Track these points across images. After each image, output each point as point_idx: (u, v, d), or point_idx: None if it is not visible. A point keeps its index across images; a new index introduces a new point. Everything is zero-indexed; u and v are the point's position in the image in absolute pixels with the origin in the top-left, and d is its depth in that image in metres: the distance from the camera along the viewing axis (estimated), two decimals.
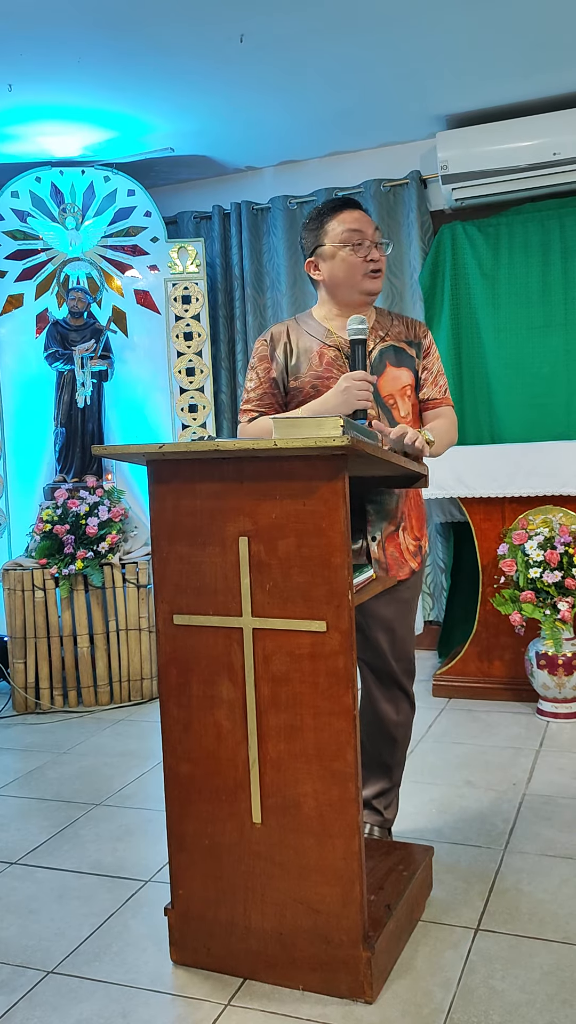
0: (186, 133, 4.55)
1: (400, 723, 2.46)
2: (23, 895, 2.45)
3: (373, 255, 2.33)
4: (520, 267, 4.60)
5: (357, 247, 2.32)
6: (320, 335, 2.38)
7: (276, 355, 2.39)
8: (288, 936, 1.93)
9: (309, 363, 2.35)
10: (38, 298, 4.76)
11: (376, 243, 2.34)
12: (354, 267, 2.33)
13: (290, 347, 2.39)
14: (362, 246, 2.32)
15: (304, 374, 2.35)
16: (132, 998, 1.96)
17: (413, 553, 2.40)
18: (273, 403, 2.38)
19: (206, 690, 1.98)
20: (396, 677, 2.43)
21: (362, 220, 2.34)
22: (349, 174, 4.92)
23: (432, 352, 2.48)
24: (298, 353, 2.37)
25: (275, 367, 2.39)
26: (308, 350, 2.37)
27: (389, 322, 2.44)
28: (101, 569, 4.23)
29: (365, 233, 2.32)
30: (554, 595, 3.62)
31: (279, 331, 2.43)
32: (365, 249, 2.31)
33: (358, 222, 2.33)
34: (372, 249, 2.32)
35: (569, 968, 1.97)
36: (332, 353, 2.35)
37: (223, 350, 5.21)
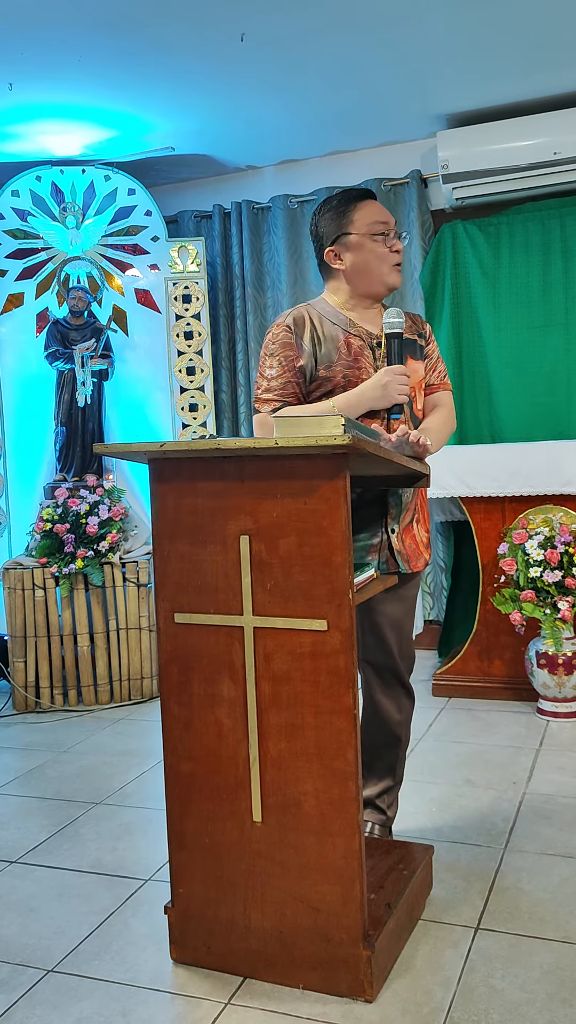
0: (187, 132, 4.55)
1: (402, 721, 2.47)
2: (23, 894, 2.46)
3: (397, 246, 2.34)
4: (521, 266, 4.60)
5: (384, 237, 2.32)
6: (343, 323, 2.33)
7: (303, 343, 2.28)
8: (288, 935, 1.93)
9: (338, 352, 2.29)
10: (38, 297, 4.76)
11: (398, 235, 2.36)
12: (382, 258, 2.33)
13: (316, 334, 2.30)
14: (388, 237, 2.33)
15: (335, 363, 2.28)
16: (132, 996, 1.96)
17: (426, 545, 2.44)
18: (297, 392, 2.28)
19: (207, 688, 1.98)
20: (400, 675, 2.44)
21: (386, 213, 2.36)
22: (350, 173, 4.92)
23: (432, 339, 2.53)
24: (326, 341, 2.29)
25: (303, 355, 2.28)
26: (335, 338, 2.30)
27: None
28: (101, 568, 4.23)
29: (390, 225, 2.33)
30: (554, 594, 3.62)
31: (301, 317, 2.32)
32: (391, 240, 2.33)
33: (384, 214, 2.35)
34: (396, 241, 2.34)
35: (569, 967, 1.97)
36: (358, 343, 2.31)
37: (223, 349, 5.21)
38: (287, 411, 2.24)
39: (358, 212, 2.33)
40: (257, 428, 2.32)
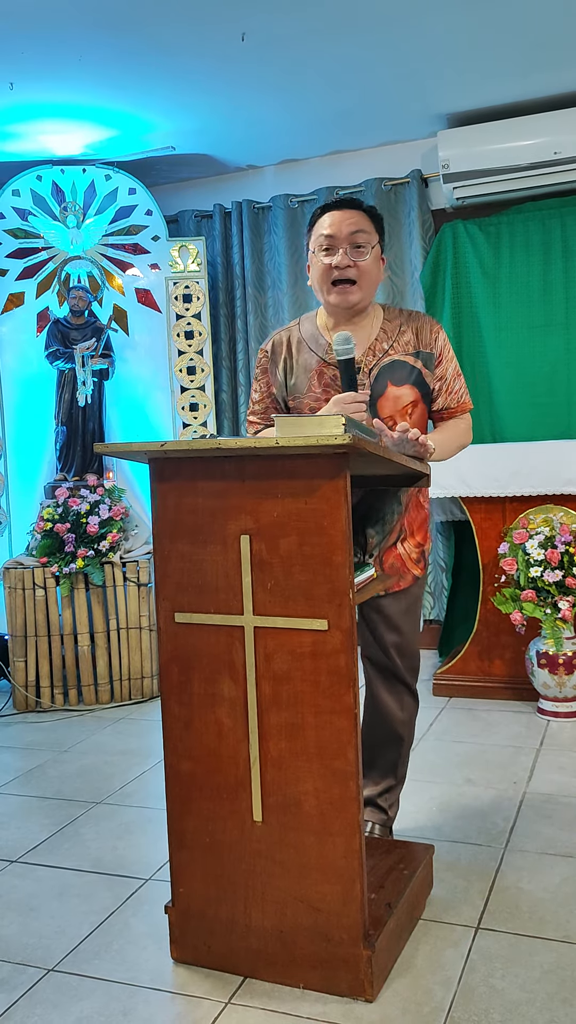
0: (187, 132, 4.55)
1: (405, 721, 2.46)
2: (24, 893, 2.46)
3: (340, 260, 2.19)
4: (521, 266, 4.60)
5: (327, 252, 2.22)
6: (320, 350, 2.30)
7: (276, 371, 2.34)
8: (288, 934, 1.93)
9: (308, 383, 2.29)
10: (39, 296, 4.76)
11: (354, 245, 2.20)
12: (321, 275, 2.24)
13: (289, 363, 2.32)
14: (331, 251, 2.21)
15: (304, 395, 2.29)
16: (132, 996, 1.96)
17: (416, 560, 2.38)
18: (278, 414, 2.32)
19: (207, 688, 1.98)
20: (401, 674, 2.43)
21: (339, 222, 2.21)
22: (350, 173, 4.92)
23: (445, 358, 2.34)
24: (297, 372, 2.31)
25: (275, 383, 2.34)
26: (307, 367, 2.29)
27: (396, 330, 2.31)
28: (102, 567, 4.23)
29: (337, 237, 2.20)
30: (555, 594, 3.62)
31: (280, 342, 2.35)
32: (333, 256, 2.20)
33: (333, 225, 2.21)
34: (342, 254, 2.19)
35: (569, 967, 1.97)
36: (331, 373, 2.27)
37: (224, 349, 5.22)
38: (262, 435, 2.33)
39: (315, 226, 2.27)
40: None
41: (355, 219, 2.22)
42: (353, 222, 2.22)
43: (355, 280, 2.22)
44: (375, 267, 2.27)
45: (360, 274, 2.23)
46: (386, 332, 2.31)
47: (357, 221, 2.22)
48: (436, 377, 2.34)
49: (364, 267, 2.23)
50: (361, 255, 2.22)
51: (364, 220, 2.24)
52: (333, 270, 2.21)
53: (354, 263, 2.21)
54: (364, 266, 2.23)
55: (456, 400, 2.38)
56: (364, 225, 2.23)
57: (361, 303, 2.27)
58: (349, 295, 2.23)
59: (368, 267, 2.24)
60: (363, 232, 2.23)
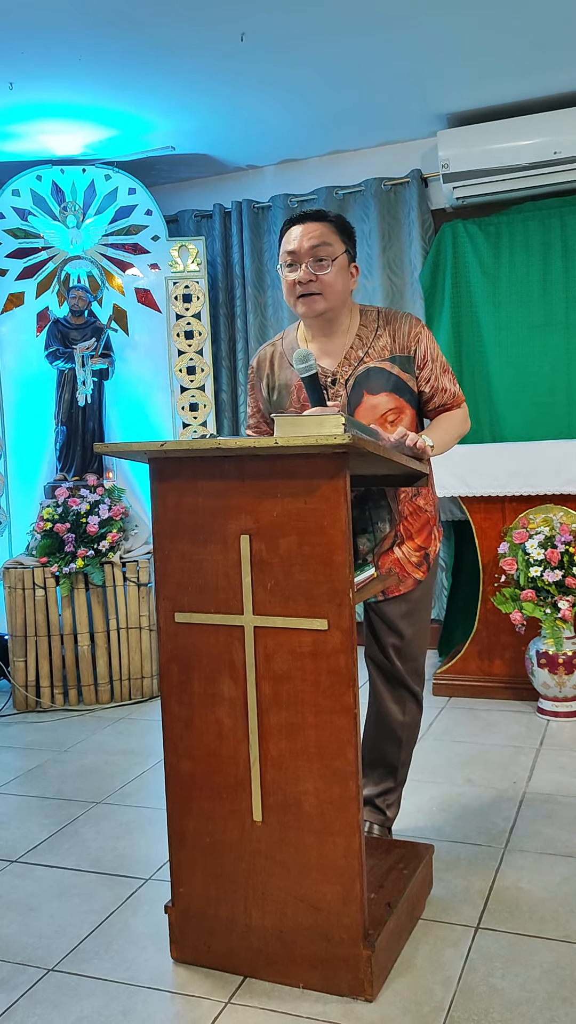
0: (187, 131, 4.55)
1: (405, 724, 2.45)
2: (23, 893, 2.46)
3: (301, 276, 2.21)
4: (521, 266, 4.60)
5: (290, 268, 2.23)
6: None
7: (261, 387, 2.39)
8: (288, 934, 1.93)
9: (289, 398, 2.31)
10: (39, 296, 4.76)
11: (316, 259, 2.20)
12: (286, 290, 2.27)
13: (271, 380, 2.35)
14: (294, 267, 2.23)
15: (285, 410, 2.31)
16: (132, 996, 1.96)
17: (416, 564, 2.36)
18: (269, 430, 2.37)
19: (207, 688, 1.98)
20: (402, 677, 2.42)
21: (298, 238, 2.21)
22: (350, 173, 4.92)
23: (428, 359, 2.32)
24: (279, 388, 2.33)
25: (261, 399, 2.40)
26: (287, 384, 2.32)
27: (372, 335, 2.30)
28: (101, 567, 4.23)
29: (298, 253, 2.21)
30: (555, 594, 3.62)
31: (263, 358, 2.39)
32: (296, 270, 2.22)
33: (295, 241, 2.21)
34: (304, 269, 2.20)
35: (569, 966, 1.97)
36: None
37: (224, 349, 5.21)
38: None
39: (281, 241, 2.28)
40: None
41: (317, 232, 2.22)
42: (315, 235, 2.21)
43: (320, 292, 2.23)
44: (340, 277, 2.25)
45: (323, 287, 2.22)
46: (361, 339, 2.30)
47: (320, 234, 2.21)
48: (423, 380, 2.33)
49: (327, 280, 2.22)
50: (323, 268, 2.22)
51: (327, 232, 2.23)
52: (297, 285, 2.23)
53: (316, 277, 2.21)
54: (327, 279, 2.22)
55: (450, 397, 2.38)
56: (327, 237, 2.22)
57: (329, 311, 2.26)
58: (315, 304, 2.23)
59: (331, 279, 2.23)
60: (325, 245, 2.22)
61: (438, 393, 2.36)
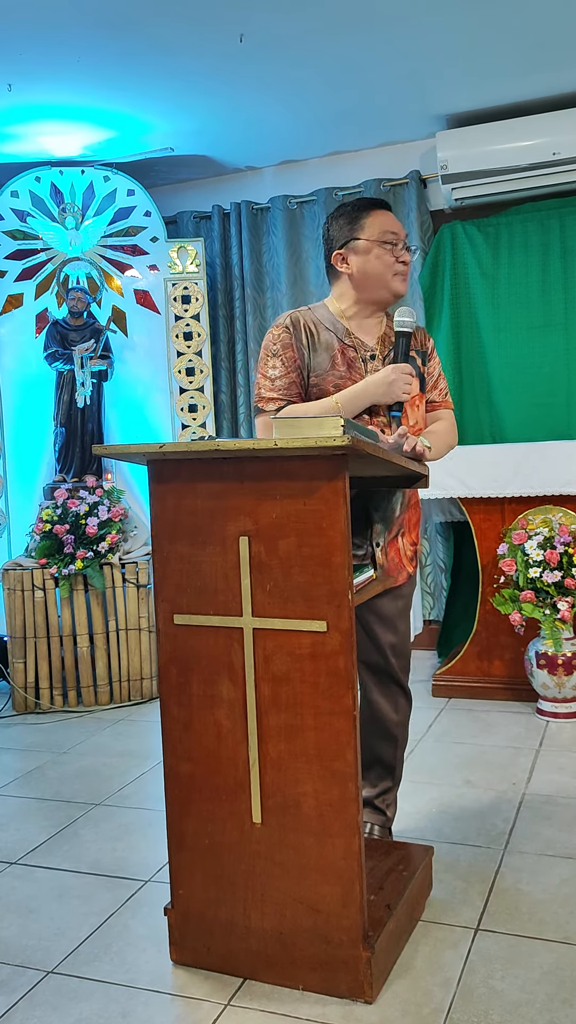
0: (186, 133, 4.55)
1: (399, 722, 2.47)
2: (23, 895, 2.45)
3: (404, 256, 2.36)
4: (520, 267, 4.60)
5: (392, 247, 2.35)
6: (339, 332, 2.33)
7: (300, 343, 2.30)
8: (288, 936, 1.93)
9: (331, 361, 2.30)
10: (38, 298, 4.76)
11: (407, 247, 2.38)
12: (388, 266, 2.35)
13: (311, 340, 2.31)
14: (396, 247, 2.35)
15: (327, 372, 2.28)
16: (132, 998, 1.96)
17: (410, 558, 2.43)
18: (300, 392, 2.29)
19: (206, 690, 1.98)
20: (395, 674, 2.44)
21: (398, 223, 2.39)
22: (349, 174, 4.92)
23: (434, 356, 2.52)
24: (319, 349, 2.30)
25: (299, 355, 2.30)
26: (329, 346, 2.31)
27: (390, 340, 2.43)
28: (101, 569, 4.22)
29: (400, 235, 2.37)
30: (554, 595, 3.62)
31: (298, 320, 2.33)
32: (399, 251, 2.35)
33: (395, 225, 2.38)
34: (404, 252, 2.37)
35: (569, 968, 1.97)
36: (352, 353, 2.31)
37: (223, 350, 5.21)
38: (290, 409, 2.25)
39: (371, 218, 2.35)
40: (260, 430, 2.32)
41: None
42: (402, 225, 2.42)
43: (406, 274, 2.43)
44: None
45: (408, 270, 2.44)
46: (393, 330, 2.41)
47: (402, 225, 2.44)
48: (427, 372, 2.47)
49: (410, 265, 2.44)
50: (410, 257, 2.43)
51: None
52: (401, 263, 2.38)
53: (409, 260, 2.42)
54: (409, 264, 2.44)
55: (440, 395, 2.53)
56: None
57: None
58: (405, 286, 2.43)
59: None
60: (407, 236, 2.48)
61: (430, 388, 2.49)
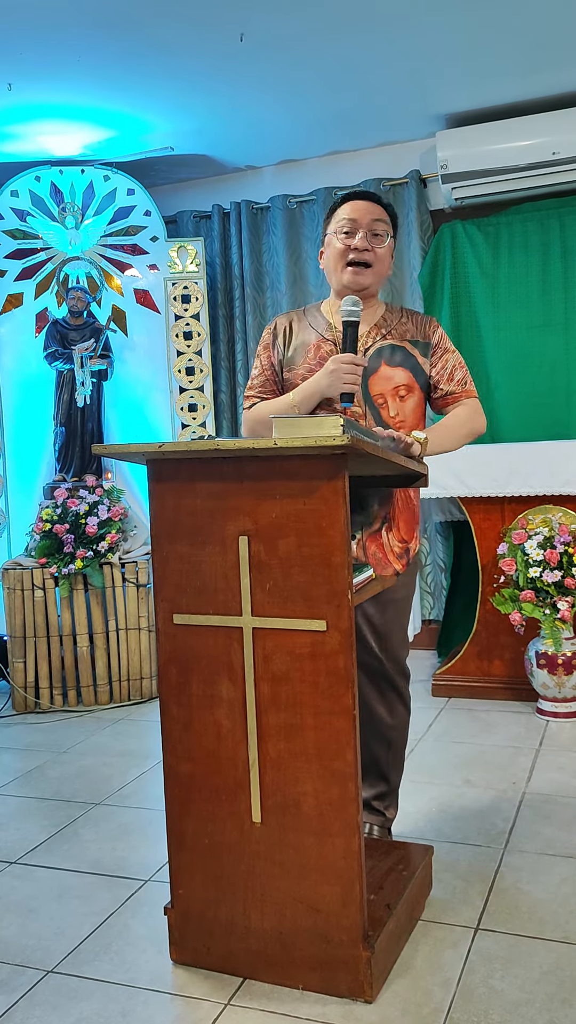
0: (186, 132, 4.55)
1: (394, 726, 2.44)
2: (23, 894, 2.45)
3: (357, 243, 2.28)
4: (520, 266, 4.60)
5: (346, 235, 2.30)
6: (321, 328, 2.38)
7: (277, 343, 2.41)
8: (288, 935, 1.93)
9: (305, 356, 2.35)
10: (37, 297, 4.76)
11: (373, 233, 2.30)
12: (337, 255, 2.33)
13: (288, 338, 2.40)
14: (351, 235, 2.30)
15: (299, 366, 2.35)
16: (132, 997, 1.96)
17: (398, 555, 2.35)
18: (274, 390, 2.41)
19: (206, 689, 1.97)
20: (390, 677, 2.41)
21: (362, 210, 2.31)
22: (349, 173, 4.91)
23: (443, 349, 2.43)
24: (295, 346, 2.38)
25: (275, 356, 2.41)
26: (305, 343, 2.37)
27: (396, 320, 2.40)
28: (101, 568, 4.22)
29: (359, 222, 2.30)
30: (554, 594, 3.62)
31: (283, 321, 2.44)
32: (352, 238, 2.29)
33: (357, 211, 2.31)
34: (361, 237, 2.29)
35: (569, 967, 1.97)
36: (328, 347, 2.34)
37: (223, 349, 5.21)
38: (257, 407, 2.39)
39: (340, 210, 2.35)
40: (243, 425, 2.45)
41: (377, 210, 2.34)
42: (376, 212, 2.34)
43: (370, 264, 2.32)
44: (388, 258, 2.38)
45: (375, 259, 2.33)
46: (387, 320, 2.40)
47: (378, 212, 2.34)
48: (433, 365, 2.41)
49: (380, 254, 2.34)
50: (379, 242, 2.33)
51: (383, 213, 2.37)
52: (351, 251, 2.31)
53: (371, 248, 2.32)
54: (380, 253, 2.34)
55: (459, 386, 2.43)
56: (383, 216, 2.36)
57: (371, 288, 2.37)
58: (361, 277, 2.33)
59: (383, 255, 2.35)
60: (382, 222, 2.34)
61: (444, 381, 2.41)
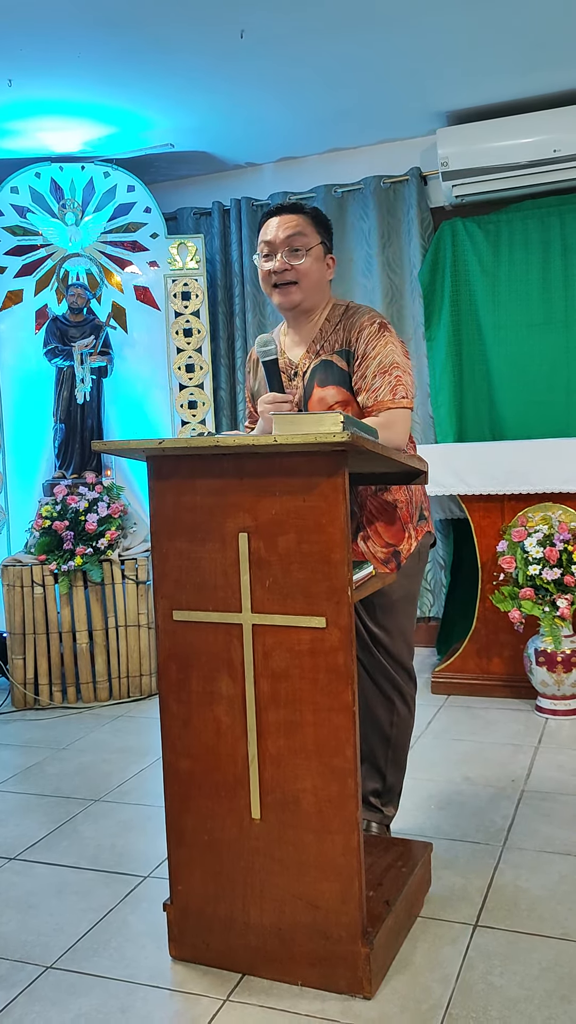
0: (186, 129, 4.54)
1: (394, 724, 2.43)
2: (22, 890, 2.46)
3: (276, 265, 2.25)
4: (520, 264, 4.59)
5: (266, 258, 2.28)
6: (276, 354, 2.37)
7: (250, 378, 2.47)
8: (287, 932, 1.93)
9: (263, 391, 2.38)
10: (37, 294, 4.76)
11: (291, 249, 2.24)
12: (263, 279, 2.32)
13: (256, 370, 2.43)
14: (270, 257, 2.27)
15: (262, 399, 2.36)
16: (131, 993, 1.96)
17: (384, 560, 2.31)
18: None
19: (206, 686, 1.98)
20: (391, 675, 2.40)
21: (274, 229, 2.26)
22: (349, 170, 4.91)
23: (367, 356, 2.22)
24: (260, 378, 2.40)
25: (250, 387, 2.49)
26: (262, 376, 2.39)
27: (331, 329, 2.31)
28: (100, 565, 4.23)
29: (273, 243, 2.26)
30: (553, 592, 3.62)
31: (252, 356, 2.48)
32: (271, 260, 2.26)
33: (270, 232, 2.27)
34: (279, 259, 2.24)
35: (567, 964, 1.97)
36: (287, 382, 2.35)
37: (223, 346, 5.21)
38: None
39: (259, 234, 2.32)
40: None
41: (293, 222, 2.27)
42: (290, 226, 2.26)
43: (296, 281, 2.27)
44: (316, 268, 2.30)
45: (299, 275, 2.27)
46: (322, 332, 2.34)
47: (295, 225, 2.27)
48: (356, 374, 2.25)
49: (302, 269, 2.27)
50: (297, 258, 2.27)
51: (303, 223, 2.28)
52: (272, 275, 2.28)
53: (291, 266, 2.26)
54: (302, 268, 2.27)
55: (372, 399, 2.21)
56: (302, 228, 2.27)
57: (304, 303, 2.31)
58: (291, 295, 2.28)
59: (306, 268, 2.28)
60: (300, 235, 2.26)
61: (363, 392, 2.23)
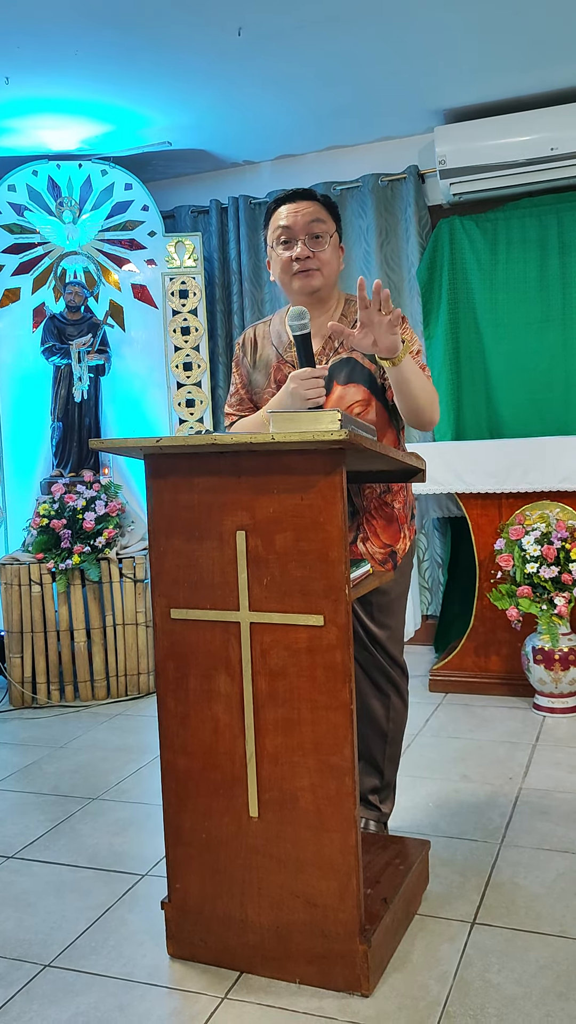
0: (183, 127, 4.54)
1: (391, 720, 2.43)
2: (20, 888, 2.46)
3: (300, 252, 2.20)
4: (518, 262, 4.59)
5: (285, 245, 2.22)
6: (281, 345, 2.32)
7: (244, 361, 2.39)
8: (285, 930, 1.94)
9: (268, 380, 2.32)
10: (35, 292, 4.75)
11: (312, 236, 2.20)
12: (282, 268, 2.24)
13: (253, 358, 2.36)
14: (290, 244, 2.21)
15: (263, 390, 2.33)
16: (129, 991, 1.96)
17: (381, 560, 2.31)
18: (251, 407, 2.39)
19: (203, 684, 1.98)
20: (386, 672, 2.41)
21: (295, 214, 2.20)
22: (347, 168, 4.91)
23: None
24: (259, 367, 2.35)
25: (244, 372, 2.39)
26: (268, 364, 2.33)
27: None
28: (98, 564, 4.22)
29: (293, 229, 2.20)
30: (551, 590, 3.63)
31: (249, 337, 2.39)
32: (293, 248, 2.20)
33: (289, 217, 2.21)
34: (301, 246, 2.20)
35: (565, 961, 1.98)
36: (288, 369, 2.28)
37: (220, 345, 5.21)
38: (237, 425, 2.38)
39: (270, 220, 2.27)
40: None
41: (311, 209, 2.22)
42: (309, 212, 2.22)
43: (318, 268, 2.23)
44: (335, 256, 2.28)
45: (321, 264, 2.23)
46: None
47: (313, 211, 2.22)
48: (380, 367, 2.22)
49: (324, 257, 2.24)
50: (320, 245, 2.23)
51: (320, 210, 2.24)
52: (294, 262, 2.22)
53: (314, 254, 2.22)
54: (324, 256, 2.24)
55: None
56: (320, 215, 2.23)
57: (322, 291, 2.27)
58: (312, 280, 2.23)
59: (327, 257, 2.25)
60: (320, 222, 2.22)
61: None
